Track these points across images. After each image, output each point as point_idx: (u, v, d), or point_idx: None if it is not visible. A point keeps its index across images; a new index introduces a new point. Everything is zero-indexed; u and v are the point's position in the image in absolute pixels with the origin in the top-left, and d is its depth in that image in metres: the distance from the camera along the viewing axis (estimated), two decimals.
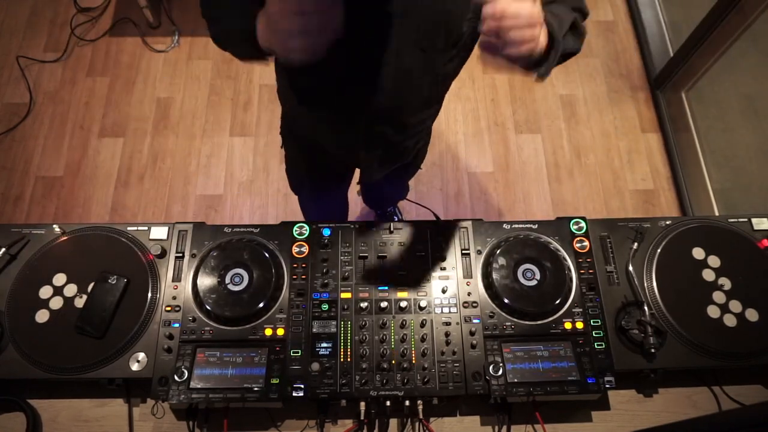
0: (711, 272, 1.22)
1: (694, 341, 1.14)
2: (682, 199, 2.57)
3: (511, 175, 2.65)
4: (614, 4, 3.12)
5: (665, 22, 2.90)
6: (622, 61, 2.95)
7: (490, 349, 1.13)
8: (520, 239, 1.23)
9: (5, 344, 1.13)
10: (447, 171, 2.66)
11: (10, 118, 2.73)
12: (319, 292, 1.18)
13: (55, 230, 1.24)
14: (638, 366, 1.14)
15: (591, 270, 1.21)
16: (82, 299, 1.17)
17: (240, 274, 1.18)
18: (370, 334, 1.14)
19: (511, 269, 1.19)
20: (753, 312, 1.17)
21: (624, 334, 1.16)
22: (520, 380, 1.10)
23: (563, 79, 2.90)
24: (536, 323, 1.16)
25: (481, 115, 2.80)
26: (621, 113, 2.81)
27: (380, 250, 1.23)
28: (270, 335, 1.14)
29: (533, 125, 2.78)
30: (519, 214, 2.56)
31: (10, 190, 2.57)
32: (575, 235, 1.25)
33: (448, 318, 1.16)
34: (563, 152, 2.72)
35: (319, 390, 1.09)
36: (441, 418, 1.15)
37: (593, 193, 2.63)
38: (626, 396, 1.19)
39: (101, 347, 1.12)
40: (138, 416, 1.15)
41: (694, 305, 1.18)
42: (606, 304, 1.18)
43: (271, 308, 1.16)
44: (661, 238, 1.25)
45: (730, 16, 2.24)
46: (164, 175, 2.62)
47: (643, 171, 2.67)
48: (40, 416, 1.15)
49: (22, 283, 1.19)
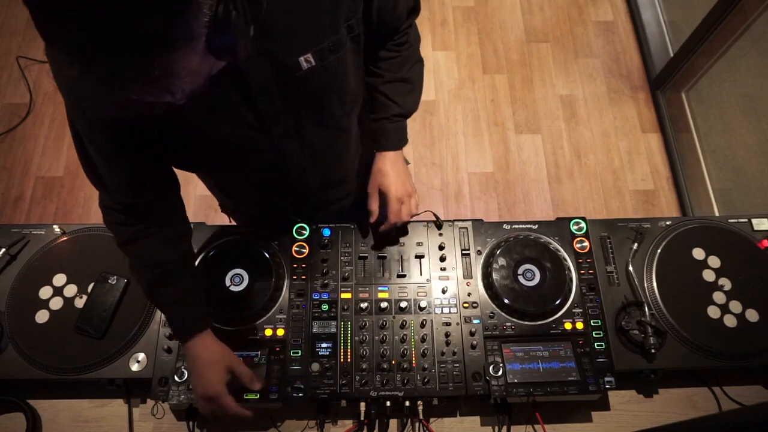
0: (711, 272, 1.22)
1: (694, 341, 1.14)
2: (682, 200, 2.57)
3: (511, 175, 2.65)
4: (614, 4, 3.12)
5: (665, 22, 2.90)
6: (622, 61, 2.95)
7: (490, 350, 1.13)
8: (520, 239, 1.23)
9: (5, 344, 1.13)
10: (447, 171, 2.66)
11: (10, 118, 2.72)
12: (319, 293, 1.18)
13: (55, 230, 1.24)
14: (638, 366, 1.14)
15: (591, 270, 1.21)
16: (82, 299, 1.17)
17: (240, 275, 1.18)
18: (370, 335, 1.14)
19: (511, 269, 1.19)
20: (753, 312, 1.17)
21: (624, 334, 1.16)
22: (520, 381, 1.10)
23: (563, 79, 2.90)
24: (536, 323, 1.16)
25: (481, 116, 2.80)
26: (621, 113, 2.81)
27: (380, 251, 1.23)
28: (270, 335, 1.14)
29: (533, 125, 2.78)
30: (519, 214, 2.56)
31: (10, 190, 2.57)
32: (575, 236, 1.25)
33: (448, 318, 1.16)
34: (563, 152, 2.72)
35: (319, 390, 1.09)
36: (441, 418, 1.15)
37: (593, 193, 2.63)
38: (626, 396, 1.19)
39: (101, 347, 1.12)
40: (138, 416, 1.15)
41: (694, 305, 1.18)
42: (606, 304, 1.18)
43: (271, 308, 1.16)
44: (661, 239, 1.25)
45: (730, 16, 2.24)
46: None
47: (643, 171, 2.67)
48: (40, 416, 1.15)
49: (22, 283, 1.19)
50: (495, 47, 2.99)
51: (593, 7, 3.11)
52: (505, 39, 3.01)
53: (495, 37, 3.02)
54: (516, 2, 3.12)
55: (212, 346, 1.03)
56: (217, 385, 1.00)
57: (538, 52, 2.97)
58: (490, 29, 3.04)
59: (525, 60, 2.95)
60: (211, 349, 1.03)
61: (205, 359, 1.01)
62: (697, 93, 2.61)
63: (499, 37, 3.02)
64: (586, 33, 3.04)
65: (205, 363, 1.01)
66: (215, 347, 1.04)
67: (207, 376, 1.00)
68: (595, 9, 3.11)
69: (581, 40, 3.01)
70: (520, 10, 3.09)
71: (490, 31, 3.03)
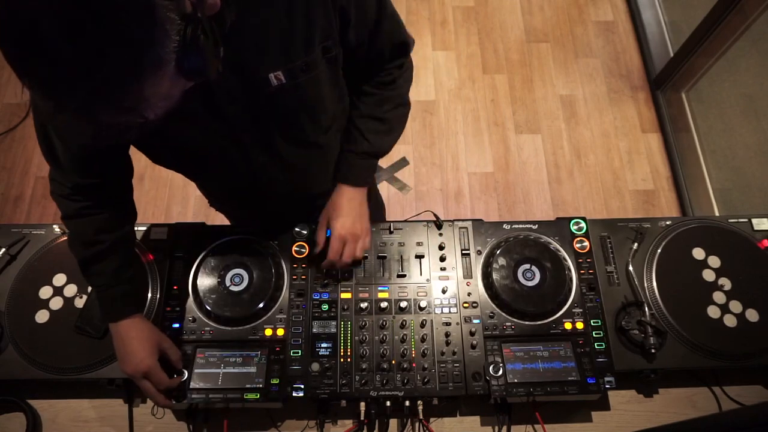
0: (711, 272, 1.22)
1: (694, 341, 1.14)
2: (682, 199, 2.57)
3: (511, 175, 2.65)
4: (614, 4, 3.12)
5: (665, 22, 2.90)
6: (622, 61, 2.95)
7: (490, 350, 1.13)
8: (520, 239, 1.23)
9: (5, 344, 1.13)
10: (447, 171, 2.66)
11: (10, 118, 2.73)
12: (319, 292, 1.18)
13: (55, 230, 1.24)
14: (638, 366, 1.14)
15: (591, 270, 1.21)
16: (82, 299, 1.17)
17: (240, 275, 1.18)
18: (370, 335, 1.14)
19: (511, 269, 1.19)
20: (753, 312, 1.17)
21: (624, 334, 1.16)
22: (520, 380, 1.10)
23: (563, 79, 2.90)
24: (536, 323, 1.16)
25: (481, 116, 2.80)
26: (621, 113, 2.81)
27: (380, 250, 1.23)
28: (270, 335, 1.14)
29: (533, 125, 2.78)
30: (519, 214, 2.56)
31: (10, 190, 2.57)
32: (575, 236, 1.25)
33: (448, 318, 1.16)
34: (563, 152, 2.72)
35: (319, 390, 1.09)
36: (441, 418, 1.15)
37: (593, 193, 2.63)
38: (626, 396, 1.19)
39: (101, 347, 1.12)
40: (138, 416, 1.15)
41: (694, 305, 1.18)
42: (606, 304, 1.18)
43: (271, 308, 1.16)
44: (661, 239, 1.25)
45: (730, 16, 2.24)
46: (164, 175, 2.62)
47: (643, 171, 2.67)
48: (40, 416, 1.15)
49: (22, 283, 1.19)
50: (495, 47, 2.99)
51: (593, 7, 3.11)
52: (505, 39, 3.01)
53: (495, 37, 3.02)
54: (516, 2, 3.12)
55: (142, 325, 1.04)
56: (148, 359, 1.01)
57: (538, 52, 2.97)
58: (490, 29, 3.04)
59: (525, 60, 2.95)
60: (140, 327, 1.03)
61: (134, 336, 1.02)
62: (697, 93, 2.61)
63: (499, 37, 3.02)
64: (586, 33, 3.04)
65: (135, 339, 1.01)
66: (145, 325, 1.04)
67: (139, 353, 1.00)
68: (595, 9, 3.11)
69: (581, 40, 3.02)
70: (520, 10, 3.10)
71: (490, 31, 3.03)
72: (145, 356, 1.01)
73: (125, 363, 1.01)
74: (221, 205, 1.47)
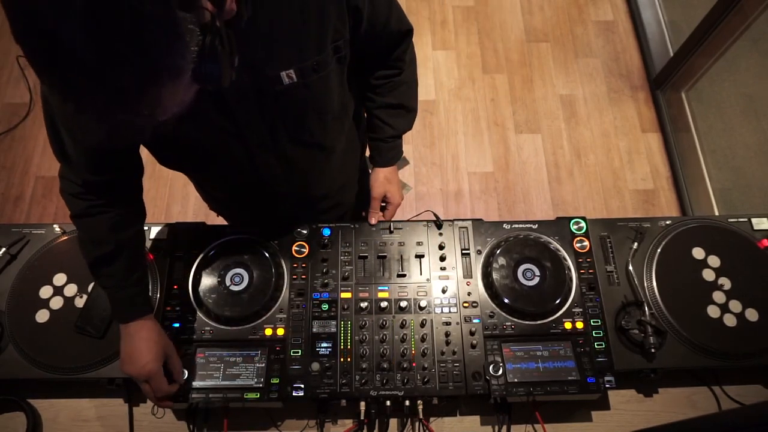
0: (711, 272, 1.22)
1: (694, 341, 1.14)
2: (682, 199, 2.57)
3: (511, 175, 2.65)
4: (614, 4, 3.12)
5: (665, 22, 2.90)
6: (622, 61, 2.95)
7: (490, 349, 1.13)
8: (520, 239, 1.23)
9: (5, 344, 1.13)
10: (447, 171, 2.66)
11: (10, 118, 2.72)
12: (319, 292, 1.18)
13: (55, 230, 1.25)
14: (638, 366, 1.14)
15: (591, 270, 1.21)
16: (82, 299, 1.17)
17: (240, 274, 1.18)
18: (370, 334, 1.14)
19: (511, 269, 1.19)
20: (753, 312, 1.17)
21: (624, 334, 1.16)
22: (520, 380, 1.10)
23: (563, 79, 2.90)
24: (536, 323, 1.16)
25: (481, 115, 2.80)
26: (621, 113, 2.81)
27: (380, 250, 1.23)
28: (270, 335, 1.14)
29: (533, 125, 2.78)
30: (519, 214, 2.56)
31: (10, 190, 2.57)
32: (575, 235, 1.25)
33: (448, 318, 1.16)
34: (563, 152, 2.72)
35: (319, 390, 1.09)
36: (441, 418, 1.16)
37: (593, 193, 2.63)
38: (626, 396, 1.19)
39: (101, 347, 1.12)
40: (138, 416, 1.15)
41: (694, 305, 1.18)
42: (606, 304, 1.18)
43: (271, 308, 1.16)
44: (661, 238, 1.25)
45: (730, 16, 2.24)
46: (165, 175, 2.62)
47: (643, 171, 2.67)
48: (40, 416, 1.15)
49: (22, 282, 1.19)
50: (495, 47, 2.99)
51: (593, 6, 3.11)
52: (505, 39, 3.01)
53: (495, 37, 3.02)
54: (516, 2, 3.12)
55: (152, 327, 1.03)
56: (152, 363, 1.00)
57: (538, 52, 2.97)
58: (490, 29, 3.04)
59: (525, 60, 2.95)
60: (150, 329, 1.03)
61: (143, 337, 1.01)
62: (697, 93, 2.61)
63: (499, 36, 3.02)
64: (586, 33, 3.04)
65: (143, 341, 1.01)
66: (155, 328, 1.04)
67: (145, 356, 1.00)
68: (595, 9, 3.11)
69: (581, 39, 3.02)
70: (520, 10, 3.10)
71: (490, 31, 3.03)
72: (150, 360, 1.00)
73: (129, 364, 1.01)
74: (222, 209, 1.47)
